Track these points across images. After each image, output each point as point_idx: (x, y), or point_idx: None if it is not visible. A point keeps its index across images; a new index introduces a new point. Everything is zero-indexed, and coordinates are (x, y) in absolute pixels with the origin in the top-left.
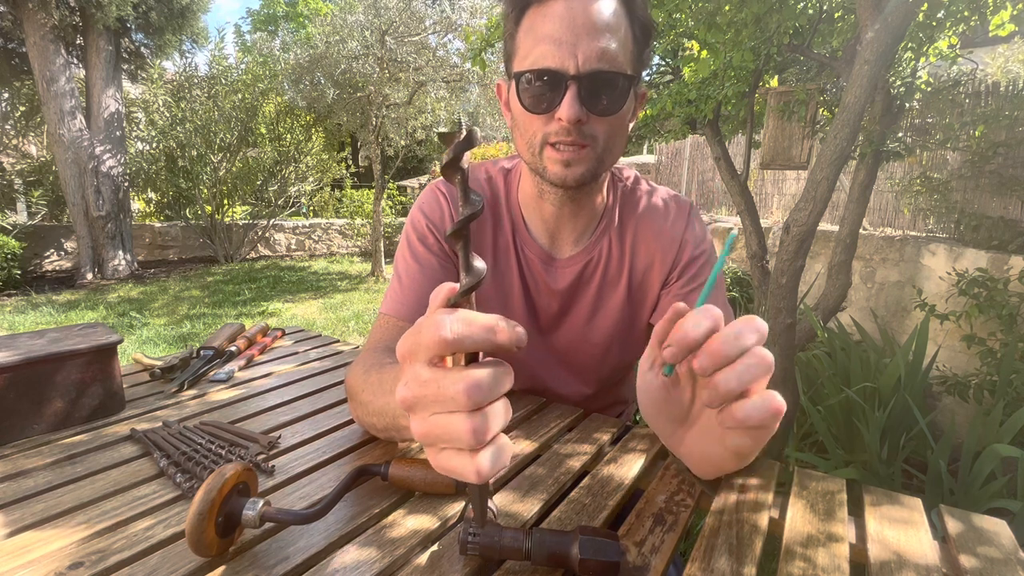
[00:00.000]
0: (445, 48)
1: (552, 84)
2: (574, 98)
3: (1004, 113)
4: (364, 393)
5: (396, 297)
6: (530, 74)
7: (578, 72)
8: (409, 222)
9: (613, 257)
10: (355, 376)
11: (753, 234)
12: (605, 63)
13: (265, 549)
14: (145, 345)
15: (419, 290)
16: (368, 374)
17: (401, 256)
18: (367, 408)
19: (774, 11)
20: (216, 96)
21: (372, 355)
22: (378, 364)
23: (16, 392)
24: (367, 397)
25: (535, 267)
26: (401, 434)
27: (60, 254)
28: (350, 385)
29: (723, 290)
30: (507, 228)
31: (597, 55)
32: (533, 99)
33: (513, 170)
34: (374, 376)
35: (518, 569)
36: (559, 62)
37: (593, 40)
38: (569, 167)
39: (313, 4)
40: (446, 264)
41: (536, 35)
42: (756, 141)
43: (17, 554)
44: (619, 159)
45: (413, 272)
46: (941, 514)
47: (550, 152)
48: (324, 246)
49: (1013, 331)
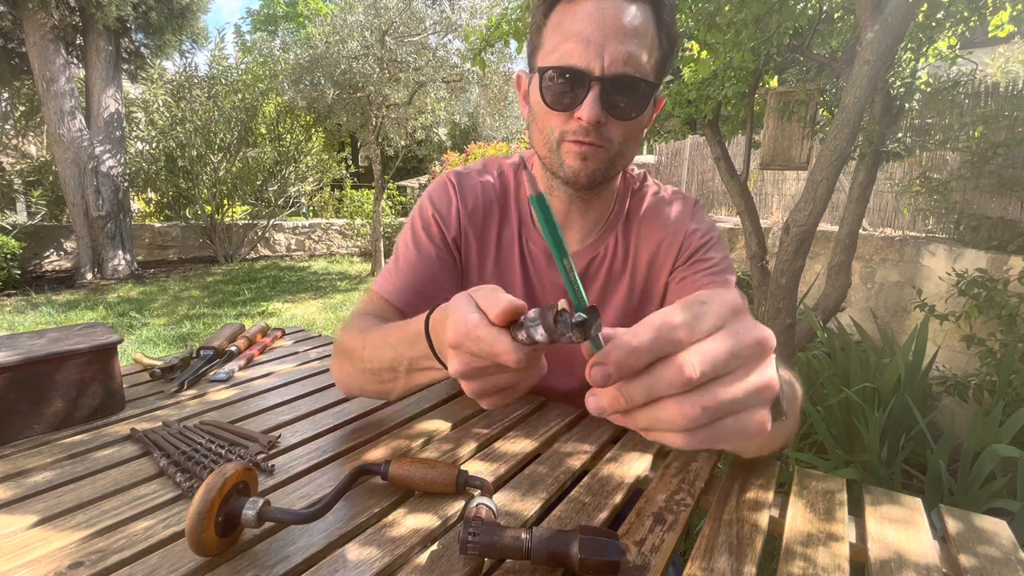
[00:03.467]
0: (445, 48)
1: (575, 83)
2: (596, 99)
3: (1004, 113)
4: (366, 348)
5: (389, 279)
6: (554, 70)
7: (603, 74)
8: (417, 208)
9: (618, 254)
10: (351, 337)
11: (753, 234)
12: (630, 67)
13: (265, 549)
14: (145, 345)
15: (412, 276)
16: (367, 332)
17: (403, 240)
18: (366, 362)
19: (774, 12)
20: (216, 96)
21: (365, 319)
22: (374, 325)
23: (16, 392)
24: (368, 352)
25: (539, 262)
26: (406, 378)
27: (60, 254)
28: (345, 346)
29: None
30: (513, 222)
31: (623, 59)
32: (555, 96)
33: (524, 164)
34: (375, 332)
35: (518, 568)
36: (585, 62)
37: (620, 43)
38: (585, 160)
39: (313, 4)
40: (444, 256)
41: (564, 32)
42: (756, 141)
43: (17, 554)
44: (631, 162)
45: (411, 258)
46: (941, 514)
47: (568, 145)
48: (324, 246)
49: (1013, 331)
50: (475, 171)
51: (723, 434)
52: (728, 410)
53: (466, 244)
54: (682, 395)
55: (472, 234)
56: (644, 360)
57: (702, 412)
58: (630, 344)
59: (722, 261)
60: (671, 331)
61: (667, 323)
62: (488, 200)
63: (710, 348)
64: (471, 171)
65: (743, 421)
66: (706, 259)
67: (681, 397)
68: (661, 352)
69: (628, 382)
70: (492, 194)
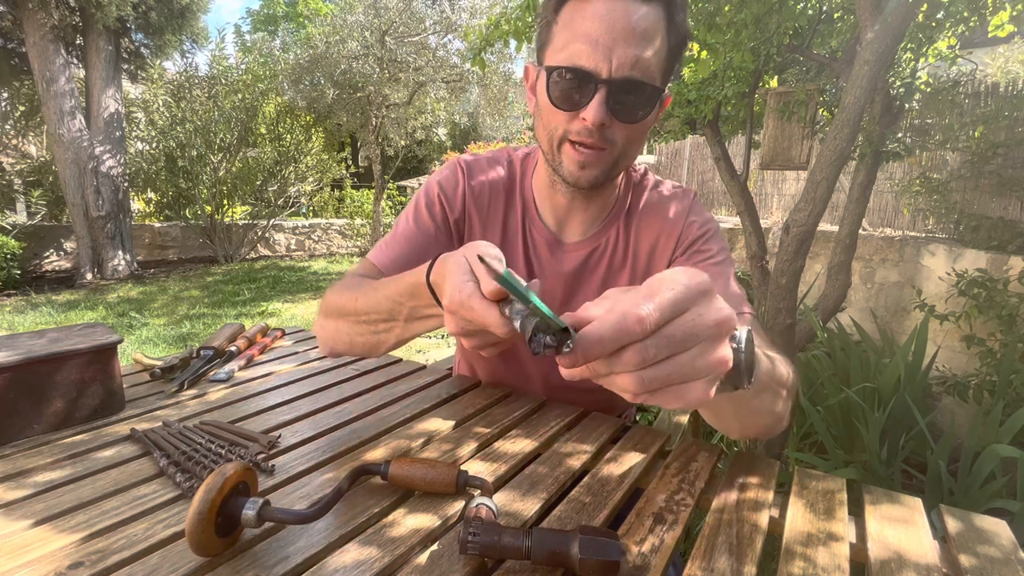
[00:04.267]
0: (445, 48)
1: (582, 84)
2: (602, 102)
3: (1004, 114)
4: (359, 300)
5: (384, 249)
6: (562, 70)
7: (610, 76)
8: (423, 188)
9: (619, 246)
10: (341, 293)
11: (753, 234)
12: (637, 71)
13: (265, 549)
14: (145, 345)
15: (407, 248)
16: (361, 287)
17: (405, 214)
18: (360, 314)
19: (774, 12)
20: (216, 96)
21: (355, 279)
22: (368, 281)
23: (16, 392)
24: (362, 303)
25: (541, 250)
26: (403, 326)
27: (60, 254)
28: (335, 303)
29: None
30: (518, 210)
31: (631, 62)
32: (561, 95)
33: (532, 154)
34: (368, 286)
35: (518, 569)
36: (593, 63)
37: (629, 46)
38: (584, 169)
39: (313, 4)
40: (442, 235)
41: (573, 31)
42: (756, 141)
43: (17, 554)
44: (634, 161)
45: (408, 232)
46: (941, 514)
47: (568, 150)
48: (324, 246)
49: (1013, 331)
50: (485, 159)
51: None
52: (677, 380)
53: (469, 227)
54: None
55: (477, 217)
56: (608, 350)
57: (653, 381)
58: (597, 337)
59: (720, 252)
60: (635, 323)
61: (630, 315)
62: (496, 186)
63: (667, 334)
64: (481, 158)
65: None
66: (704, 250)
67: (635, 372)
68: (623, 342)
69: (594, 362)
70: (500, 181)
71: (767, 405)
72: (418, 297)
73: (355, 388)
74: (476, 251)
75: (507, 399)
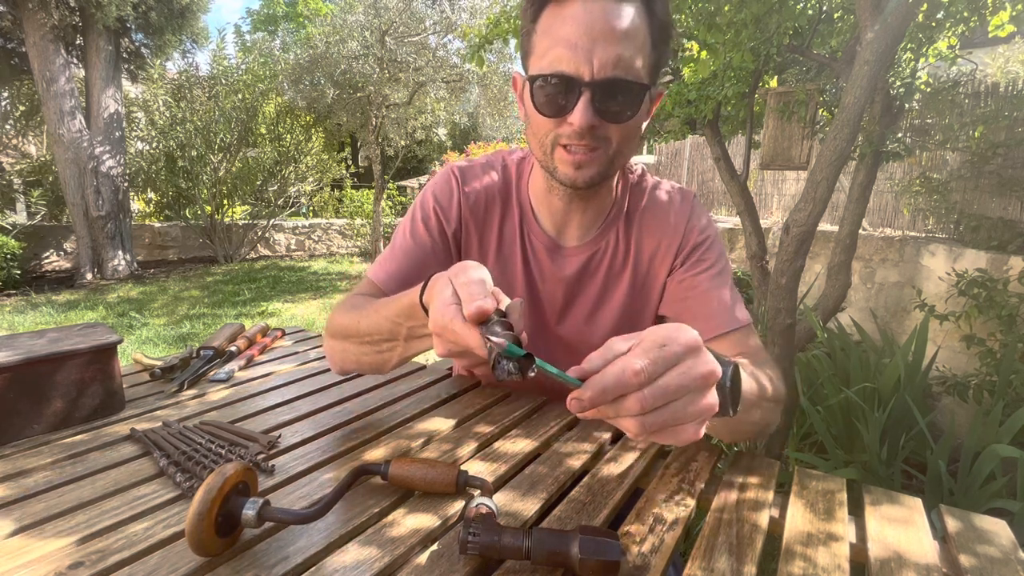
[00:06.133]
0: (445, 48)
1: (566, 89)
2: (587, 105)
3: (1004, 114)
4: (361, 322)
5: (382, 266)
6: (545, 77)
7: (592, 79)
8: (418, 200)
9: (619, 249)
10: (345, 315)
11: (753, 234)
12: (620, 70)
13: (265, 549)
14: (145, 345)
15: (405, 264)
16: (363, 309)
17: (401, 229)
18: (363, 335)
19: (774, 12)
20: (216, 96)
21: (356, 299)
22: (369, 301)
23: (16, 392)
24: (364, 325)
25: (540, 256)
26: (404, 345)
27: (60, 254)
28: (340, 325)
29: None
30: (515, 216)
31: (613, 62)
32: (546, 102)
33: (527, 158)
34: (369, 307)
35: (518, 569)
36: (574, 68)
37: (609, 46)
38: (580, 169)
39: (313, 4)
40: (439, 249)
41: (552, 37)
42: (756, 141)
43: (17, 554)
44: (630, 159)
45: (406, 247)
46: (941, 514)
47: (561, 153)
48: (324, 246)
49: (1013, 331)
50: (479, 164)
51: (666, 437)
52: (671, 424)
53: (467, 237)
54: (637, 416)
55: (473, 226)
56: (611, 397)
57: (652, 425)
58: (600, 387)
59: (718, 261)
60: (632, 376)
61: (629, 368)
62: (491, 193)
63: (662, 385)
64: (475, 164)
65: (680, 430)
66: (703, 259)
67: (636, 417)
68: (623, 392)
69: (600, 406)
70: (495, 187)
71: (754, 419)
72: (415, 317)
73: (355, 388)
74: (463, 277)
75: (507, 399)
